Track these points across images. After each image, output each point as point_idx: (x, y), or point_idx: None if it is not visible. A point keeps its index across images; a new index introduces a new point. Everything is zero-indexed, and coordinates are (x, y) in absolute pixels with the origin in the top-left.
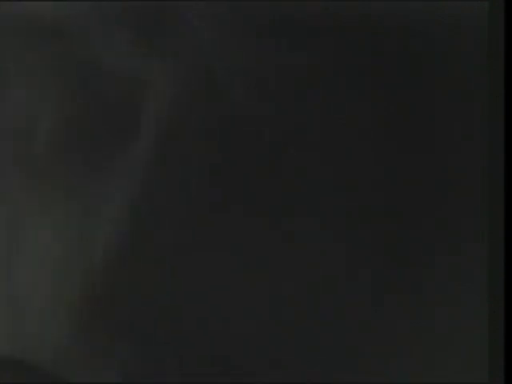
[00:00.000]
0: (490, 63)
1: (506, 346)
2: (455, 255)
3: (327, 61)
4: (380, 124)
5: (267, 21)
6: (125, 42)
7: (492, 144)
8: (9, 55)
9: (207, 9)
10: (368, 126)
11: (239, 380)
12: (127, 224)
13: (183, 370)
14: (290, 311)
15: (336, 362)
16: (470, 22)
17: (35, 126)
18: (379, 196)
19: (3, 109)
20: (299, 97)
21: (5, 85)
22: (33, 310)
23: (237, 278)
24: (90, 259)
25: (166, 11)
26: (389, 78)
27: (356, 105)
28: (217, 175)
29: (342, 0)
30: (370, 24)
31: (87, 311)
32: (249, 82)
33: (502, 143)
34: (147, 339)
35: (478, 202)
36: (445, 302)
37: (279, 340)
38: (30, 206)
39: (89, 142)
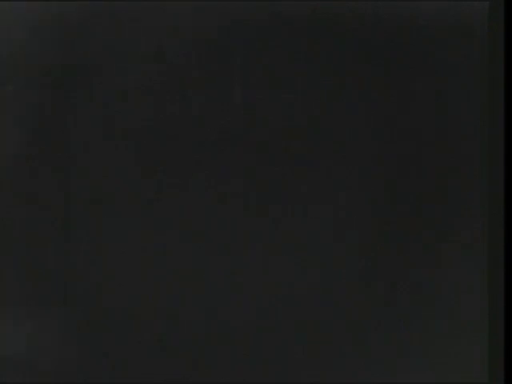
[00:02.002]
0: (490, 63)
1: (506, 346)
2: (455, 255)
3: (327, 61)
4: (380, 124)
5: (267, 21)
6: None
7: (492, 144)
8: None
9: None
10: (368, 126)
11: (239, 380)
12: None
13: (183, 370)
14: (290, 311)
15: (336, 362)
16: (470, 21)
17: None
18: (379, 196)
19: None
20: (299, 96)
21: None
22: None
23: (236, 278)
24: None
25: None
26: (389, 78)
27: (356, 104)
28: (217, 174)
29: (345, 0)
30: (369, 24)
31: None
32: (249, 82)
33: (501, 143)
34: (146, 339)
35: (478, 202)
36: (445, 302)
37: (279, 340)
38: None
39: None
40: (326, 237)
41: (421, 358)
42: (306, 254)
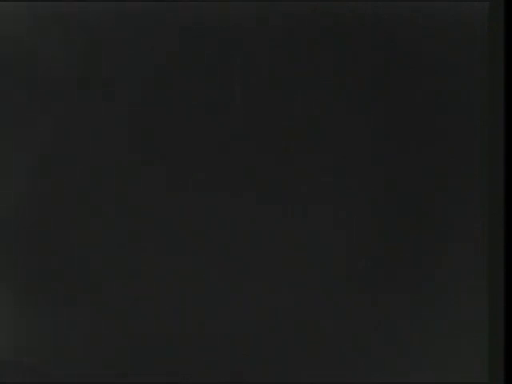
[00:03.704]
0: (490, 63)
1: (506, 346)
2: (455, 255)
3: (327, 61)
4: (380, 124)
5: (267, 20)
6: None
7: (492, 144)
8: None
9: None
10: (368, 126)
11: (240, 380)
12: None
13: (183, 370)
14: (290, 311)
15: (336, 362)
16: (470, 21)
17: None
18: (380, 197)
19: None
20: (299, 96)
21: None
22: None
23: (236, 279)
24: None
25: None
26: (389, 78)
27: (356, 104)
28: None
29: (344, 0)
30: (369, 24)
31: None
32: (249, 82)
33: (501, 143)
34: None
35: (478, 202)
36: (445, 302)
37: (279, 340)
38: None
39: None
40: (326, 237)
41: (421, 358)
42: (306, 254)
